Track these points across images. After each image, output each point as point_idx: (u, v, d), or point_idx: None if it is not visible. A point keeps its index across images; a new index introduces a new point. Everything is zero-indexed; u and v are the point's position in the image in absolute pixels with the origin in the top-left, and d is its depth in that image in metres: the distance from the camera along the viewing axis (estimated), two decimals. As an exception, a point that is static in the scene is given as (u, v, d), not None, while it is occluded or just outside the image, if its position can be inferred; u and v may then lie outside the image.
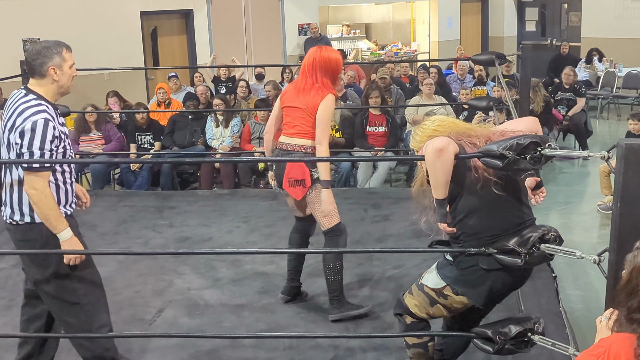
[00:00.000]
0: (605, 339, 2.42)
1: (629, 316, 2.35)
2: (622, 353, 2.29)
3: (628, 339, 2.32)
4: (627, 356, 2.27)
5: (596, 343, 2.45)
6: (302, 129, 4.65)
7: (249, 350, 4.45)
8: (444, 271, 3.56)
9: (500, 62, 6.66)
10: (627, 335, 2.34)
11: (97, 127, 8.86)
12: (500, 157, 3.22)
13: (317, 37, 14.26)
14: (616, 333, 2.42)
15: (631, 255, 2.43)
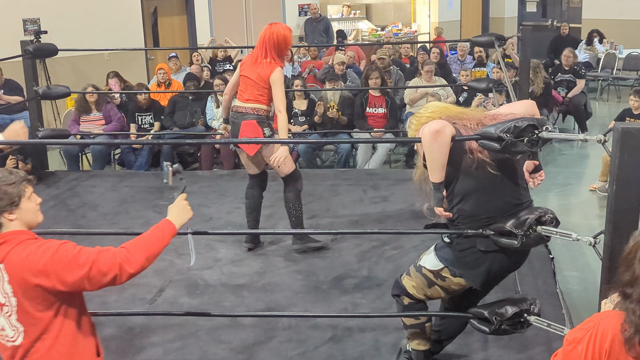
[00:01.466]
0: (597, 314, 2.47)
1: (623, 290, 2.39)
2: (609, 328, 2.33)
3: (617, 315, 2.36)
4: (614, 331, 2.31)
5: (588, 318, 2.49)
6: (253, 96, 5.38)
7: (249, 329, 4.49)
8: (441, 253, 3.59)
9: (500, 43, 6.67)
10: (616, 312, 2.38)
11: (98, 108, 8.86)
12: (497, 139, 3.24)
13: (317, 17, 14.23)
14: (606, 310, 2.46)
15: (638, 232, 2.46)
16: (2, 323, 2.69)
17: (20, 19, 10.78)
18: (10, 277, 2.64)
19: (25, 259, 2.64)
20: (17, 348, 2.70)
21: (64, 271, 2.63)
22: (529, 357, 4.09)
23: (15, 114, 9.44)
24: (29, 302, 2.66)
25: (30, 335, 2.69)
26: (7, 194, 2.70)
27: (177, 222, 3.05)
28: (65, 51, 8.22)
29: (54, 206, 6.96)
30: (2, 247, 2.67)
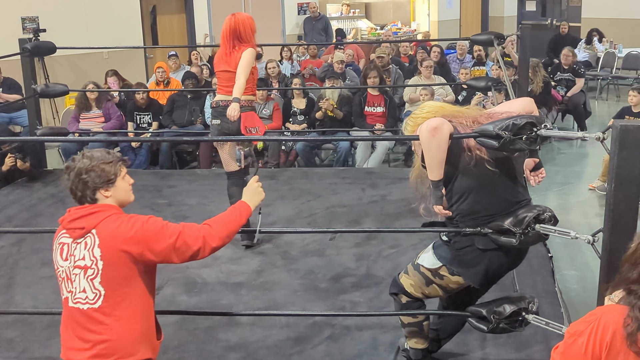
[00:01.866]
0: (599, 308, 2.46)
1: (628, 287, 2.38)
2: (611, 322, 2.32)
3: (621, 309, 2.35)
4: (616, 326, 2.30)
5: (591, 311, 2.48)
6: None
7: (247, 328, 4.49)
8: (439, 251, 3.58)
9: (499, 42, 6.66)
10: (619, 307, 2.37)
11: (98, 105, 8.86)
12: (496, 137, 3.23)
13: (316, 16, 14.22)
14: (610, 304, 2.45)
15: None
16: (84, 285, 2.82)
17: (18, 17, 10.76)
18: (101, 241, 2.80)
19: (117, 227, 2.82)
20: (94, 311, 2.81)
21: (152, 240, 2.81)
22: (527, 356, 4.08)
23: (13, 112, 9.45)
24: (115, 268, 2.80)
25: (109, 300, 2.81)
26: (104, 171, 2.89)
27: (252, 204, 3.21)
28: (63, 49, 8.21)
29: (52, 204, 6.95)
30: (96, 215, 2.85)
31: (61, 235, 2.90)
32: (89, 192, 2.87)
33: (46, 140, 8.69)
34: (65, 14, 11.22)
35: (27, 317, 4.63)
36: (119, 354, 2.83)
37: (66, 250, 2.85)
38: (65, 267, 2.85)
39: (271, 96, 9.17)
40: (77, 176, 2.87)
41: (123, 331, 2.84)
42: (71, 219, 2.86)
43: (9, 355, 4.25)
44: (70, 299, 2.85)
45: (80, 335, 2.83)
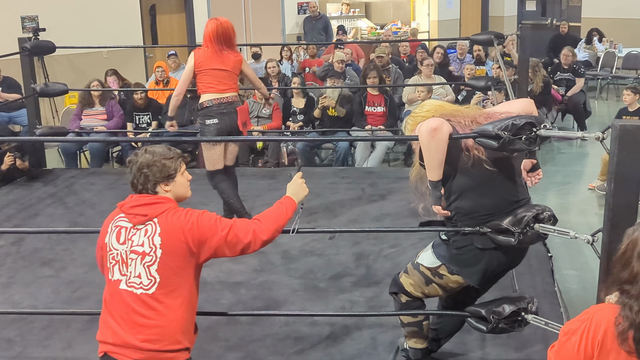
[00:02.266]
0: (593, 306, 2.47)
1: (621, 287, 2.39)
2: (602, 321, 2.33)
3: (612, 308, 2.36)
4: (607, 324, 2.31)
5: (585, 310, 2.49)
6: (230, 86, 5.76)
7: (246, 327, 4.48)
8: (439, 250, 3.58)
9: (499, 42, 6.66)
10: (611, 305, 2.38)
11: (101, 102, 8.88)
12: (495, 137, 3.23)
13: (316, 15, 14.20)
14: (601, 304, 2.46)
15: (631, 230, 2.46)
16: (140, 270, 2.91)
17: (18, 17, 10.75)
18: (162, 230, 2.92)
19: (177, 219, 2.94)
20: (148, 297, 2.90)
21: (207, 233, 2.94)
22: (527, 356, 4.08)
23: (13, 111, 9.44)
24: (172, 258, 2.91)
25: (162, 288, 2.91)
26: (165, 167, 3.02)
27: (296, 198, 3.33)
28: (63, 49, 8.21)
29: (51, 204, 6.95)
30: (158, 205, 2.98)
31: (119, 218, 3.00)
32: (149, 185, 3.00)
33: (45, 141, 8.68)
34: (64, 13, 11.21)
35: (26, 316, 4.63)
36: (167, 341, 2.92)
37: (124, 234, 2.95)
38: (121, 250, 2.94)
39: (271, 95, 9.15)
40: (139, 170, 3.00)
41: (172, 320, 2.93)
42: (133, 204, 2.98)
43: (7, 355, 4.24)
44: (124, 282, 2.93)
45: (131, 319, 2.90)
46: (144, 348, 2.89)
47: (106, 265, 3.00)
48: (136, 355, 2.89)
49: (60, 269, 5.43)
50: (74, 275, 5.31)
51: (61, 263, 5.52)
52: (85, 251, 5.61)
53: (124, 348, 2.90)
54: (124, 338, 2.90)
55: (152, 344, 2.89)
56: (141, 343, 2.88)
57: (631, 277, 2.36)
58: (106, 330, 2.96)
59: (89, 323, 4.50)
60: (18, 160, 7.39)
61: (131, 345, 2.89)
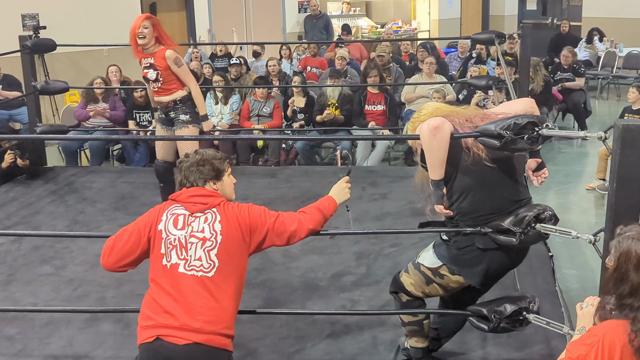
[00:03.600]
0: (597, 328, 2.41)
1: (620, 302, 2.35)
2: (616, 340, 2.29)
3: (621, 325, 2.32)
4: (622, 343, 2.27)
5: (588, 332, 2.44)
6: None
7: (246, 326, 4.47)
8: (440, 250, 3.58)
9: (500, 41, 6.65)
10: (619, 322, 2.33)
11: (105, 99, 8.89)
12: (497, 136, 3.23)
13: (316, 14, 14.18)
14: (608, 320, 2.41)
15: (615, 242, 2.42)
16: (200, 254, 3.05)
17: (19, 15, 10.74)
18: (222, 218, 3.11)
19: (232, 209, 3.16)
20: (208, 279, 3.03)
21: (258, 221, 3.18)
22: (528, 355, 4.08)
23: (13, 109, 9.44)
24: (231, 244, 3.09)
25: (221, 273, 3.05)
26: (214, 166, 3.23)
27: (338, 200, 3.59)
28: (64, 47, 8.20)
29: (52, 202, 6.95)
30: (216, 197, 3.18)
31: (173, 207, 3.16)
32: (199, 182, 3.18)
33: (46, 138, 8.67)
34: (65, 11, 11.20)
35: (27, 314, 4.63)
36: (224, 325, 3.03)
37: (182, 221, 3.10)
38: (179, 235, 3.08)
39: (271, 94, 9.16)
40: (192, 166, 3.21)
41: (228, 304, 3.07)
42: (191, 194, 3.15)
43: (8, 353, 4.24)
44: (183, 265, 3.04)
45: (191, 300, 2.99)
46: (204, 330, 2.96)
47: (159, 251, 3.09)
48: (195, 337, 2.95)
49: (60, 267, 5.43)
50: (75, 273, 5.31)
51: (61, 261, 5.51)
52: (85, 249, 5.61)
53: (183, 331, 2.95)
54: (183, 320, 2.96)
55: (213, 326, 2.98)
56: (202, 325, 2.96)
57: (632, 290, 2.32)
58: (158, 314, 3.01)
59: (90, 321, 4.51)
60: (18, 159, 7.39)
61: (190, 327, 2.95)
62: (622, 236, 2.42)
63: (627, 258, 2.35)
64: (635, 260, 2.35)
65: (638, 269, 2.35)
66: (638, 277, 2.33)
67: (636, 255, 2.36)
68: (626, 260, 2.35)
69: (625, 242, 2.38)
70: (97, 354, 4.23)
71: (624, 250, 2.36)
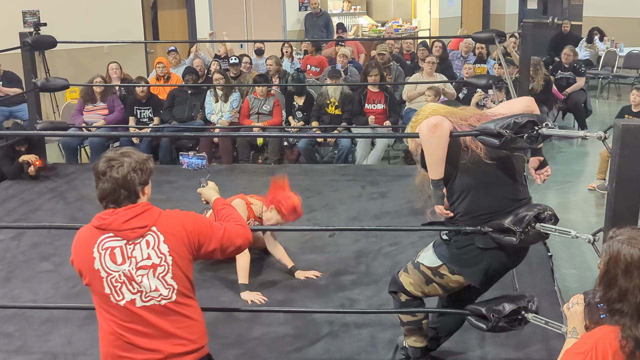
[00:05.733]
0: (589, 335, 2.41)
1: (610, 307, 2.34)
2: (608, 347, 2.28)
3: (612, 332, 2.31)
4: (613, 349, 2.27)
5: (580, 340, 2.43)
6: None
7: (245, 324, 4.48)
8: (440, 250, 3.57)
9: (500, 40, 6.64)
10: (611, 329, 2.32)
11: (103, 98, 8.88)
12: (497, 135, 3.23)
13: (317, 12, 14.17)
14: (600, 327, 2.40)
15: (606, 245, 2.41)
16: (155, 283, 2.79)
17: (19, 11, 10.73)
18: (165, 237, 2.80)
19: (176, 220, 2.85)
20: (173, 304, 2.83)
21: (206, 236, 2.89)
22: (526, 355, 4.08)
23: (13, 106, 9.43)
24: (181, 261, 2.84)
25: (181, 293, 2.85)
26: (149, 169, 2.87)
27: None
28: (64, 43, 8.19)
29: (51, 199, 6.95)
30: (150, 212, 2.82)
31: (104, 240, 2.77)
32: (136, 190, 2.80)
33: (46, 135, 8.66)
34: (66, 8, 11.19)
35: (26, 311, 4.63)
36: (201, 334, 2.93)
37: (120, 254, 2.76)
38: (123, 270, 2.76)
39: (271, 92, 9.16)
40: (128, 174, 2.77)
41: (198, 315, 2.94)
42: (124, 220, 2.76)
43: (7, 349, 4.24)
44: (140, 298, 2.78)
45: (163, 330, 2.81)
46: (188, 350, 2.85)
47: (102, 291, 2.78)
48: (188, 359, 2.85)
49: (59, 264, 5.42)
50: (74, 271, 5.21)
51: (61, 258, 5.51)
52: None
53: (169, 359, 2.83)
54: (165, 350, 2.81)
55: (196, 343, 2.88)
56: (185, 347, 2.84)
57: (620, 295, 2.31)
58: (136, 353, 2.81)
59: (89, 318, 4.50)
60: (31, 168, 7.42)
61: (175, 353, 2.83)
62: (613, 240, 2.39)
63: (616, 262, 2.33)
64: (623, 265, 2.33)
65: (626, 274, 2.32)
66: (626, 283, 2.31)
67: (624, 260, 2.33)
68: (615, 264, 2.33)
69: (616, 246, 2.35)
70: (95, 352, 4.18)
71: (614, 254, 2.34)
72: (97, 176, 2.81)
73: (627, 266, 2.32)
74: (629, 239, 2.36)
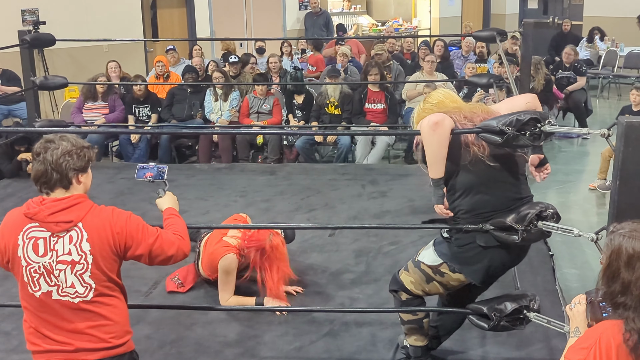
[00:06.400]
0: (593, 330, 2.40)
1: (613, 301, 2.34)
2: (611, 340, 2.27)
3: (616, 325, 2.30)
4: (617, 342, 2.26)
5: (584, 335, 2.43)
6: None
7: (245, 323, 4.45)
8: (440, 248, 3.54)
9: (501, 38, 6.62)
10: (614, 322, 2.32)
11: (104, 98, 8.85)
12: (499, 132, 3.20)
13: (317, 11, 14.16)
14: (603, 321, 2.40)
15: (608, 239, 2.41)
16: (72, 280, 2.74)
17: (18, 9, 10.71)
18: (89, 235, 2.74)
19: (104, 220, 2.77)
20: (87, 303, 2.77)
21: (135, 240, 2.81)
22: (527, 354, 4.06)
23: (12, 104, 9.41)
24: (103, 261, 2.77)
25: (99, 290, 2.79)
26: (86, 156, 2.79)
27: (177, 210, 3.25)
28: (63, 42, 8.16)
29: (50, 197, 6.90)
30: (79, 207, 2.76)
31: (30, 229, 2.75)
32: (68, 175, 2.74)
33: (45, 132, 8.61)
34: (65, 6, 11.17)
35: (24, 310, 4.59)
36: (118, 333, 2.86)
37: (43, 245, 2.73)
38: (43, 262, 2.73)
39: (271, 91, 9.13)
40: (61, 157, 2.73)
41: (117, 314, 2.87)
42: (51, 211, 2.72)
43: (4, 348, 4.22)
44: (56, 291, 2.75)
45: (76, 327, 2.78)
46: (99, 347, 2.80)
47: (22, 279, 2.78)
48: (92, 356, 2.80)
49: (58, 262, 5.39)
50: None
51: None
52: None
53: (77, 353, 2.79)
54: (75, 344, 2.78)
55: (107, 342, 2.82)
56: (95, 344, 2.80)
57: (623, 288, 2.31)
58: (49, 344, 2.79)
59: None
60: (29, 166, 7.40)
61: (84, 348, 2.79)
62: (614, 234, 2.41)
63: (618, 255, 2.33)
64: (625, 257, 2.34)
65: (629, 267, 2.33)
66: (629, 275, 2.31)
67: (627, 253, 2.34)
68: (617, 257, 2.34)
69: (617, 240, 2.37)
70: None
71: (615, 247, 2.35)
72: (32, 157, 2.78)
73: (629, 258, 2.33)
74: (631, 232, 2.37)
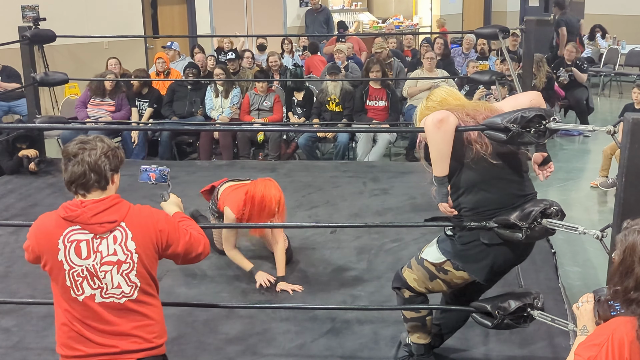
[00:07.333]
0: (605, 326, 2.38)
1: (626, 297, 2.31)
2: (624, 337, 2.25)
3: (629, 322, 2.28)
4: (630, 339, 2.24)
5: (596, 331, 2.41)
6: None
7: (246, 320, 4.44)
8: (444, 245, 3.52)
9: (504, 35, 6.60)
10: (627, 319, 2.30)
11: (112, 95, 8.79)
12: (504, 130, 3.18)
13: (317, 8, 14.13)
14: (615, 318, 2.38)
15: (621, 235, 2.39)
16: (118, 280, 2.75)
17: (18, 6, 10.69)
18: (133, 234, 2.75)
19: (147, 218, 2.80)
20: (132, 302, 2.79)
21: (174, 238, 2.85)
22: (530, 352, 4.04)
23: (12, 100, 9.39)
24: (147, 259, 2.79)
25: (143, 291, 2.81)
26: (119, 156, 2.81)
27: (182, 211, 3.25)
28: (63, 38, 8.14)
29: (51, 194, 6.90)
30: (119, 206, 2.77)
31: (70, 232, 2.72)
32: (107, 176, 2.74)
33: (46, 129, 8.61)
34: (65, 2, 11.15)
35: (24, 306, 4.59)
36: (159, 333, 2.89)
37: (86, 248, 2.71)
38: (87, 264, 2.72)
39: (272, 88, 9.11)
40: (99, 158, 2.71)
41: (157, 314, 2.90)
42: (93, 213, 2.70)
43: (5, 345, 4.21)
44: (100, 294, 2.75)
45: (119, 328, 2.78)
46: (143, 348, 2.82)
47: (64, 283, 2.76)
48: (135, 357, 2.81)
49: (58, 259, 5.38)
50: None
51: (60, 253, 5.46)
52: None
53: (122, 355, 2.80)
54: (120, 346, 2.78)
55: (151, 342, 2.84)
56: (139, 344, 2.80)
57: (637, 284, 2.28)
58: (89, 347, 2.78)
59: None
60: (31, 164, 7.39)
61: (129, 350, 2.79)
62: (628, 229, 2.38)
63: (632, 251, 2.31)
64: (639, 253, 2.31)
65: None
66: None
67: None
68: (631, 253, 2.31)
69: (631, 235, 2.34)
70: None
71: (630, 243, 2.33)
72: (67, 158, 2.74)
73: None
74: None
